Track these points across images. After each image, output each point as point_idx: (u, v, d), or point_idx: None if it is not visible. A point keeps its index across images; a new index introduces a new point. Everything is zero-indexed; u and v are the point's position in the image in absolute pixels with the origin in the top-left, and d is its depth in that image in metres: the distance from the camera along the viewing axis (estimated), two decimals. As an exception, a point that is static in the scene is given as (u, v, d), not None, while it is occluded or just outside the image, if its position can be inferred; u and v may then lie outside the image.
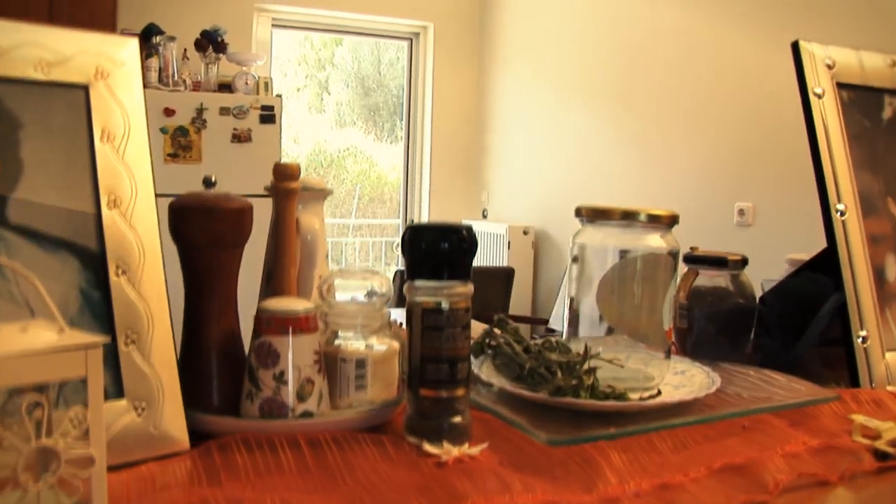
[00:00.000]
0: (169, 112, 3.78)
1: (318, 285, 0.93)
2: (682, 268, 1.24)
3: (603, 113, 4.54)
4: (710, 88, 3.82)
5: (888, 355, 1.06)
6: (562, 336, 1.08)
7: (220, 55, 3.99)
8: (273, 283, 0.90)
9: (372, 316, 0.89)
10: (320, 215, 0.96)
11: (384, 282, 0.91)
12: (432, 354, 0.79)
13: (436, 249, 0.79)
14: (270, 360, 0.79)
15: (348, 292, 0.91)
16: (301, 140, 9.25)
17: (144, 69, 3.78)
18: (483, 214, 5.57)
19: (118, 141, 0.76)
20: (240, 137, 3.92)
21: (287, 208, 0.87)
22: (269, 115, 3.96)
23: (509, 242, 4.91)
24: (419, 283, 0.79)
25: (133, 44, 0.81)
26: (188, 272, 0.81)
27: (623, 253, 1.01)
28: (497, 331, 1.08)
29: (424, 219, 5.66)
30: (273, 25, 4.93)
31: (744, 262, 1.22)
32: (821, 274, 1.09)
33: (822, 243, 1.11)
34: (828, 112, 1.10)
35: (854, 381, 1.04)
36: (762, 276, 4.03)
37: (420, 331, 0.79)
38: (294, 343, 0.79)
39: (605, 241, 1.00)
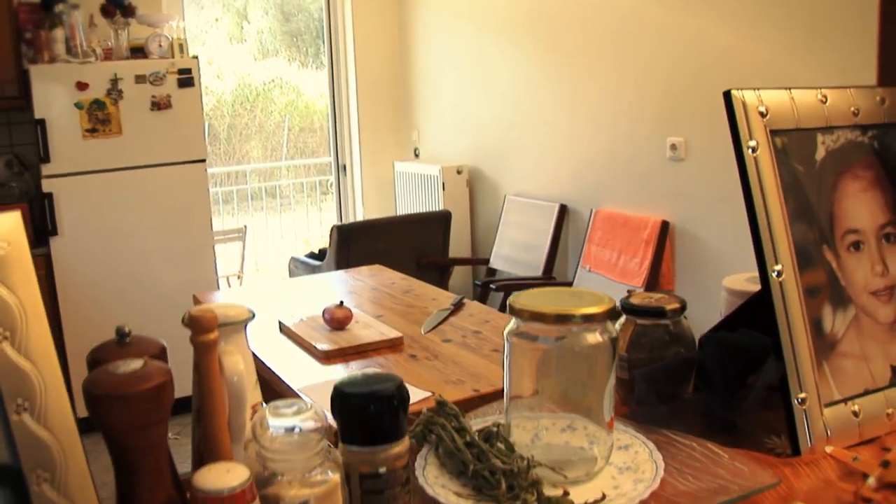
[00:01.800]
0: (82, 86, 3.59)
1: (251, 418, 0.90)
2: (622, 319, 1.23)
3: (531, 49, 4.46)
4: (640, 24, 3.77)
5: (826, 411, 1.07)
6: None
7: (130, 19, 3.79)
8: (203, 427, 0.86)
9: (309, 453, 0.86)
10: (243, 347, 0.91)
11: (318, 415, 0.87)
12: (373, 517, 0.77)
13: (366, 414, 0.76)
14: (208, 540, 0.75)
15: (283, 424, 0.87)
16: (224, 75, 8.97)
17: (51, 41, 3.58)
18: (415, 153, 5.49)
19: (17, 337, 0.70)
20: (159, 105, 3.77)
21: (208, 359, 0.82)
22: (187, 79, 3.80)
23: (444, 183, 4.86)
24: (354, 448, 0.77)
25: (15, 218, 0.73)
26: (112, 452, 0.77)
27: (559, 340, 0.99)
28: (438, 418, 1.06)
29: (357, 160, 5.55)
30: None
31: (682, 308, 1.21)
32: (757, 332, 1.09)
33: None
34: (762, 167, 1.08)
35: (794, 446, 1.04)
36: (695, 206, 4.03)
37: (360, 495, 0.77)
38: (231, 522, 0.75)
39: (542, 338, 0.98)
